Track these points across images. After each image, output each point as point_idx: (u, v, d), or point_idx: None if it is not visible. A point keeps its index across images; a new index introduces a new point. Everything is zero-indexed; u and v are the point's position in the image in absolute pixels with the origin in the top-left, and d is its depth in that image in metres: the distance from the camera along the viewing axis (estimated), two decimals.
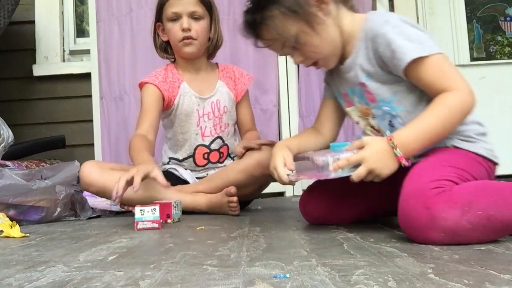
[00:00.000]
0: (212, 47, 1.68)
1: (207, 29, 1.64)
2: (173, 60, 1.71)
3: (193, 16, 1.59)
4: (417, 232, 0.84)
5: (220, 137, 1.67)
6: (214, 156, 1.66)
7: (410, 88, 1.03)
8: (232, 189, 1.41)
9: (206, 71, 1.71)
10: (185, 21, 1.57)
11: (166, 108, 1.64)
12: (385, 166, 0.90)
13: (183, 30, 1.58)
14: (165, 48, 1.70)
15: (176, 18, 1.59)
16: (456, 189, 0.85)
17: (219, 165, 1.67)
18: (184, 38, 1.59)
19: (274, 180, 1.34)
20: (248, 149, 1.51)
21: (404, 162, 0.91)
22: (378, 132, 1.11)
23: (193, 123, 1.65)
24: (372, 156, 0.90)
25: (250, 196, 1.50)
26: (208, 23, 1.63)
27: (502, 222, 0.83)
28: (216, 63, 1.76)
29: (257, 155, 1.46)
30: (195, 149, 1.65)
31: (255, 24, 1.07)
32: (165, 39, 1.66)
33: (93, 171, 1.50)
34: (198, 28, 1.60)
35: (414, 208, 0.84)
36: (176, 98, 1.64)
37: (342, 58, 1.10)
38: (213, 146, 1.66)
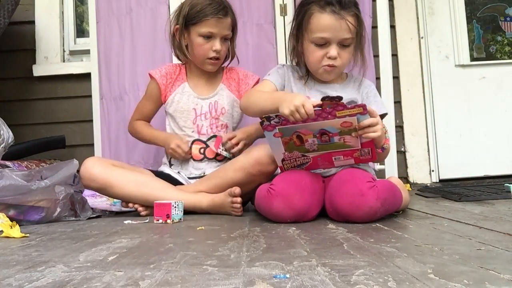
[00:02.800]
0: (228, 60, 1.77)
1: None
2: (185, 62, 1.77)
3: (224, 39, 1.67)
4: (351, 208, 1.19)
5: (216, 136, 1.69)
6: (210, 152, 1.68)
7: None
8: (236, 190, 1.41)
9: (211, 75, 1.76)
10: (219, 44, 1.65)
11: (165, 98, 1.74)
12: (382, 136, 1.29)
13: (215, 51, 1.65)
14: (182, 50, 1.72)
15: (210, 37, 1.64)
16: (379, 188, 1.21)
17: (218, 163, 1.68)
18: (212, 58, 1.66)
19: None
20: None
21: (384, 145, 1.35)
22: None
23: (189, 121, 1.70)
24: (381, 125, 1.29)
25: (249, 194, 1.50)
26: (229, 42, 1.72)
27: (395, 208, 1.29)
28: (223, 67, 1.79)
29: (255, 153, 1.46)
30: (192, 143, 1.68)
31: (350, 9, 1.38)
32: (185, 43, 1.69)
33: (96, 166, 1.52)
34: (225, 49, 1.69)
35: (354, 194, 1.20)
36: (172, 94, 1.72)
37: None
38: (210, 143, 1.69)
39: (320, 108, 1.21)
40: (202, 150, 1.68)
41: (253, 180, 1.46)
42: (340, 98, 1.20)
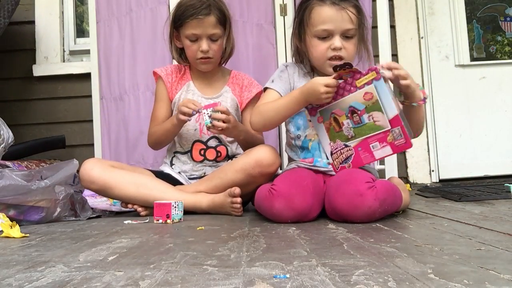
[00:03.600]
0: (225, 57, 1.73)
1: (223, 45, 1.68)
2: (186, 64, 1.76)
3: (212, 38, 1.63)
4: (350, 208, 1.19)
5: (216, 137, 1.68)
6: (210, 154, 1.67)
7: None
8: (236, 190, 1.41)
9: (216, 76, 1.76)
10: (205, 44, 1.62)
11: (172, 96, 1.72)
12: (417, 88, 1.28)
13: (202, 51, 1.62)
14: (180, 53, 1.73)
15: (195, 39, 1.62)
16: (378, 188, 1.20)
17: (217, 164, 1.68)
18: (202, 58, 1.64)
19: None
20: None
21: (424, 95, 1.30)
22: None
23: (192, 119, 1.65)
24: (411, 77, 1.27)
25: (250, 195, 1.50)
26: (224, 39, 1.67)
27: (394, 208, 1.28)
28: (230, 70, 1.80)
29: (255, 154, 1.46)
30: (192, 144, 1.68)
31: (351, 1, 1.40)
32: (179, 46, 1.70)
33: (95, 168, 1.51)
34: (215, 47, 1.65)
35: (353, 194, 1.19)
36: (178, 93, 1.71)
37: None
38: (210, 144, 1.68)
39: (342, 80, 1.27)
40: (202, 152, 1.68)
41: (253, 181, 1.45)
42: (350, 64, 1.23)
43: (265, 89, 1.52)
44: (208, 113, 1.50)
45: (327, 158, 1.40)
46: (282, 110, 1.39)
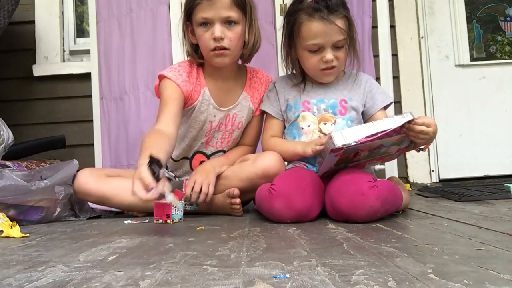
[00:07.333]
0: (247, 53, 1.51)
1: (242, 34, 1.45)
2: (201, 63, 1.54)
3: (227, 21, 1.41)
4: (352, 208, 1.19)
5: (224, 151, 1.60)
6: None
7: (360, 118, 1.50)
8: (235, 191, 1.39)
9: (233, 80, 1.57)
10: (218, 29, 1.39)
11: (185, 106, 1.50)
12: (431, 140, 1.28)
13: (215, 39, 1.40)
14: (195, 50, 1.52)
15: (207, 23, 1.41)
16: (380, 188, 1.20)
17: None
18: (215, 48, 1.42)
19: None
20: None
21: (424, 148, 1.32)
22: (324, 135, 1.42)
23: (203, 132, 1.55)
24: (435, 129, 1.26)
25: (251, 199, 1.49)
26: (243, 27, 1.45)
27: (395, 208, 1.28)
28: (245, 66, 1.61)
29: (262, 164, 1.40)
30: (193, 154, 1.60)
31: (338, 12, 1.38)
32: (194, 41, 1.49)
33: (89, 180, 1.46)
34: (232, 35, 1.42)
35: (355, 194, 1.19)
36: (196, 101, 1.51)
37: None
38: (212, 157, 1.60)
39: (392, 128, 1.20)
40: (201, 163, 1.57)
41: (256, 187, 1.37)
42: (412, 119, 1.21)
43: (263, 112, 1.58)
44: (186, 203, 1.42)
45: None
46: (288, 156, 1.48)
